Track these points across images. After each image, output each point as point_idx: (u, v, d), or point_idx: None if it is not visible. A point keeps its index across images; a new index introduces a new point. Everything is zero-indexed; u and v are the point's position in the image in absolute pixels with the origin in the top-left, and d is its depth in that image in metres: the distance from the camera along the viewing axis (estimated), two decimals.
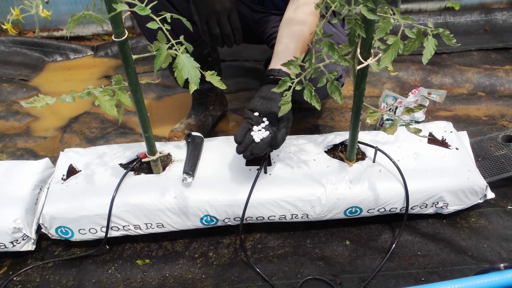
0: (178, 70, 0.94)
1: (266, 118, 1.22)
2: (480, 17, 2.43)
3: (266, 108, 1.21)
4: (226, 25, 1.31)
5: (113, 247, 1.38)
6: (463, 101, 1.93)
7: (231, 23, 1.32)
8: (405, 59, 2.18)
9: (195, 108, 1.79)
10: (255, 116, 1.22)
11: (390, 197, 1.28)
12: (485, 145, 1.53)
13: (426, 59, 0.94)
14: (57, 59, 2.45)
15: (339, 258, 1.30)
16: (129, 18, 2.51)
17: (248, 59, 2.26)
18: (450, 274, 1.23)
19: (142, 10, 0.89)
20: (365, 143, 1.36)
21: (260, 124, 1.22)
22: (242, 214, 1.25)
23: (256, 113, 1.22)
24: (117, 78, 1.09)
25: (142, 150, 1.37)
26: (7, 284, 1.28)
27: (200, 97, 1.78)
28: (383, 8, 0.95)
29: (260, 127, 1.22)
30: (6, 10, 2.46)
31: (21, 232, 1.28)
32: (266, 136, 1.20)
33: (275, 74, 1.25)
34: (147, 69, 2.28)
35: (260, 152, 1.18)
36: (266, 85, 1.25)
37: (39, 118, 2.02)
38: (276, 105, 1.20)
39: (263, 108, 1.22)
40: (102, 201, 1.27)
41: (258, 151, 1.18)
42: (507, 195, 1.45)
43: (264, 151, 1.19)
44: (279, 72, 1.25)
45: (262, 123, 1.22)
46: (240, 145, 1.19)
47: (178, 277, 1.29)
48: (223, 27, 1.31)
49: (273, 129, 1.21)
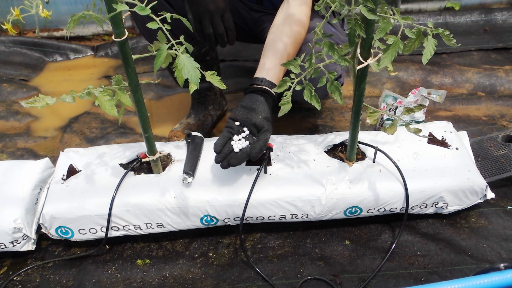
0: (178, 70, 0.94)
1: (246, 128, 1.23)
2: (480, 17, 2.43)
3: (247, 118, 1.22)
4: (219, 25, 1.31)
5: (113, 247, 1.38)
6: (463, 101, 1.93)
7: (224, 23, 1.32)
8: (405, 59, 2.18)
9: (194, 107, 1.79)
10: (236, 125, 1.23)
11: (390, 197, 1.28)
12: (485, 145, 1.53)
13: (426, 59, 0.95)
14: (57, 59, 2.45)
15: (339, 258, 1.30)
16: (129, 18, 2.51)
17: (248, 59, 2.26)
18: (450, 274, 1.24)
19: (142, 10, 0.89)
20: (365, 143, 1.36)
21: (241, 133, 1.22)
22: (242, 214, 1.25)
23: (237, 123, 1.23)
24: (117, 78, 1.09)
25: (142, 150, 1.37)
26: (7, 284, 1.28)
27: (199, 97, 1.78)
28: (383, 8, 0.95)
29: (241, 136, 1.22)
30: (6, 10, 2.46)
31: (21, 232, 1.28)
32: (246, 146, 1.21)
33: (258, 83, 1.26)
34: (147, 69, 2.28)
35: (238, 162, 1.19)
36: (249, 94, 1.26)
37: (39, 118, 2.02)
38: (256, 116, 1.21)
39: (243, 118, 1.22)
40: (102, 201, 1.27)
41: (236, 162, 1.19)
42: (507, 195, 1.45)
43: (242, 161, 1.20)
44: (263, 81, 1.26)
45: (243, 132, 1.23)
46: (218, 155, 1.19)
47: (178, 277, 1.29)
48: (216, 27, 1.31)
49: (253, 139, 1.22)
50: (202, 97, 1.78)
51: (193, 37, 1.44)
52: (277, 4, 1.43)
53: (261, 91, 1.25)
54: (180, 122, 1.77)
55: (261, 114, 1.21)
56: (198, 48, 1.58)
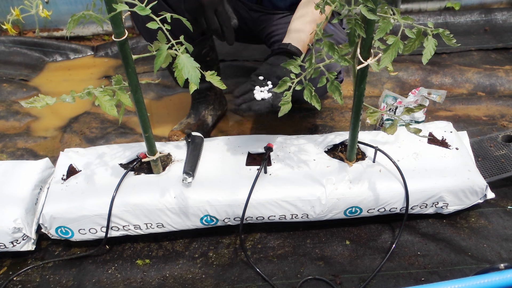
0: (178, 70, 0.94)
1: (270, 81, 1.21)
2: (480, 17, 2.43)
3: (271, 71, 1.20)
4: (212, 19, 1.23)
5: (113, 247, 1.38)
6: (463, 101, 1.93)
7: (218, 17, 1.24)
8: (405, 59, 2.18)
9: (194, 107, 1.79)
10: (259, 79, 1.21)
11: (390, 197, 1.28)
12: (485, 145, 1.53)
13: (426, 59, 0.95)
14: (57, 59, 2.45)
15: (339, 258, 1.30)
16: (129, 18, 2.51)
17: (248, 59, 2.26)
18: (450, 274, 1.24)
19: (142, 10, 0.89)
20: (365, 143, 1.36)
21: (264, 86, 1.21)
22: (242, 214, 1.25)
23: (261, 77, 1.22)
24: (117, 78, 1.09)
25: (142, 150, 1.37)
26: (7, 284, 1.28)
27: (199, 97, 1.78)
28: (383, 8, 0.95)
29: (263, 88, 1.20)
30: (6, 10, 2.46)
31: (21, 232, 1.28)
32: (268, 97, 1.18)
33: (284, 47, 1.25)
34: (147, 69, 2.28)
35: (259, 109, 1.15)
36: (274, 55, 1.25)
37: (39, 118, 2.02)
38: (281, 70, 1.19)
39: (268, 71, 1.21)
40: (102, 201, 1.27)
41: (258, 108, 1.16)
42: (507, 195, 1.45)
43: (264, 110, 1.17)
44: (288, 45, 1.25)
45: (266, 86, 1.21)
46: (238, 98, 1.16)
47: (178, 277, 1.29)
48: (210, 22, 1.24)
49: (276, 93, 1.20)
50: (202, 97, 1.78)
51: (193, 38, 1.43)
52: (276, 4, 1.43)
53: (287, 52, 1.24)
54: (180, 122, 1.77)
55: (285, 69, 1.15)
56: (199, 49, 1.58)
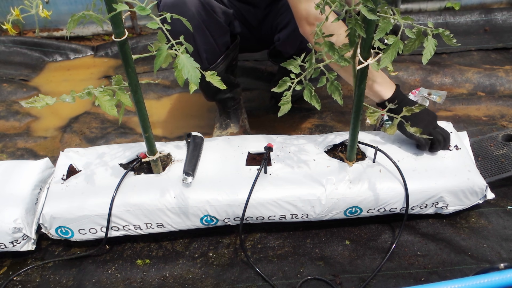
0: (178, 70, 0.94)
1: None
2: (480, 17, 2.43)
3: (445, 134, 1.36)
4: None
5: (113, 247, 1.38)
6: (463, 101, 1.93)
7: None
8: (405, 59, 2.18)
9: (231, 116, 1.77)
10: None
11: (390, 197, 1.28)
12: (485, 145, 1.53)
13: (426, 59, 0.95)
14: (57, 59, 2.45)
15: (339, 258, 1.30)
16: (129, 18, 2.51)
17: (248, 59, 2.26)
18: (450, 274, 1.24)
19: (142, 10, 0.89)
20: (365, 143, 1.36)
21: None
22: (242, 214, 1.25)
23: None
24: (117, 78, 1.09)
25: (142, 150, 1.37)
26: (7, 284, 1.28)
27: (234, 103, 1.76)
28: (383, 8, 0.95)
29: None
30: (6, 10, 2.46)
31: (21, 232, 1.28)
32: None
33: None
34: (147, 69, 2.28)
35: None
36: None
37: (39, 118, 2.02)
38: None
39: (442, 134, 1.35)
40: (102, 201, 1.27)
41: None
42: (507, 195, 1.45)
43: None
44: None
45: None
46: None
47: (178, 277, 1.29)
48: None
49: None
50: (237, 103, 1.78)
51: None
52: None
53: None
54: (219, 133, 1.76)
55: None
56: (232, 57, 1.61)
